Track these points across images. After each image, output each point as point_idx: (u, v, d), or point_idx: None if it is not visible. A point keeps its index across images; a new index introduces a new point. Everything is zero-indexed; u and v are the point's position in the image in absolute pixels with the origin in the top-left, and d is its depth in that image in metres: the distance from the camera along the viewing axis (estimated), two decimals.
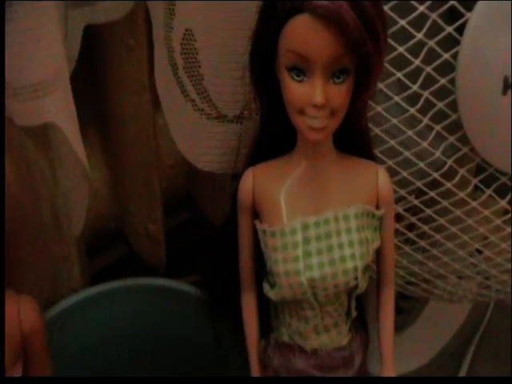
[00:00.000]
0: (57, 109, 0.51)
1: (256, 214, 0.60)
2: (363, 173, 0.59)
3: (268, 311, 0.65)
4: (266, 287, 0.60)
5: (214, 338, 0.72)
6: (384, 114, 0.63)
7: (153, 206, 0.86)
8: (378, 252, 0.62)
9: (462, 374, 0.97)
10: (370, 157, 0.61)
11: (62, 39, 0.53)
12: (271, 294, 0.59)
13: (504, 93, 0.62)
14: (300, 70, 0.51)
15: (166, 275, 0.87)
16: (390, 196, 0.60)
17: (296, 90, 0.51)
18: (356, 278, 0.57)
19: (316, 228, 0.57)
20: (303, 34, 0.49)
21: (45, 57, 0.50)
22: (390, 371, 0.64)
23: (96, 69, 0.80)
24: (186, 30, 0.61)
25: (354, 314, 0.62)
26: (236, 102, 0.63)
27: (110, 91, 0.81)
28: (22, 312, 0.49)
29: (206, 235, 0.98)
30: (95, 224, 0.85)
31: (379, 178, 0.59)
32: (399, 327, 0.99)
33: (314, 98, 0.50)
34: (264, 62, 0.54)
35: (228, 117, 0.64)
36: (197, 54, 0.61)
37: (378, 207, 0.60)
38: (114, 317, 0.78)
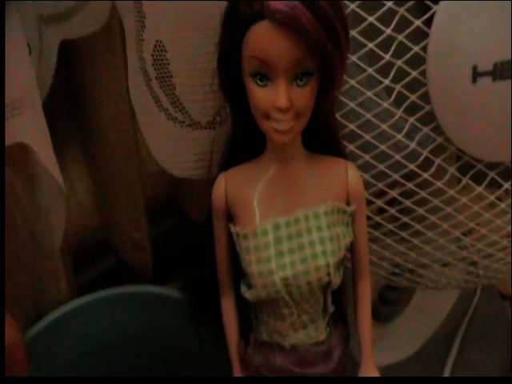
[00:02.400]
0: (27, 129, 0.52)
1: (231, 218, 0.61)
2: (332, 170, 0.59)
3: (249, 312, 0.65)
4: (243, 288, 0.60)
5: (198, 342, 0.72)
6: (357, 109, 0.65)
7: (136, 215, 0.86)
8: (352, 247, 0.62)
9: (451, 360, 0.98)
10: (341, 154, 0.61)
11: (30, 61, 0.53)
12: (247, 294, 0.60)
13: (474, 81, 0.63)
14: (263, 75, 0.52)
15: (154, 282, 0.87)
16: (360, 192, 0.60)
17: (260, 95, 0.52)
18: (328, 274, 0.58)
19: (287, 228, 0.57)
20: (264, 40, 0.50)
21: (13, 79, 0.50)
22: (368, 364, 0.64)
23: (75, 82, 0.81)
24: (157, 41, 0.61)
25: (330, 309, 0.62)
26: (208, 109, 0.63)
27: (89, 104, 0.82)
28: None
29: (193, 240, 0.99)
30: (82, 236, 0.86)
31: (348, 175, 0.59)
32: (388, 318, 0.99)
33: (277, 101, 0.51)
34: (231, 69, 0.55)
35: (201, 123, 0.64)
36: (168, 64, 0.61)
37: (348, 203, 0.60)
38: (101, 326, 0.78)
